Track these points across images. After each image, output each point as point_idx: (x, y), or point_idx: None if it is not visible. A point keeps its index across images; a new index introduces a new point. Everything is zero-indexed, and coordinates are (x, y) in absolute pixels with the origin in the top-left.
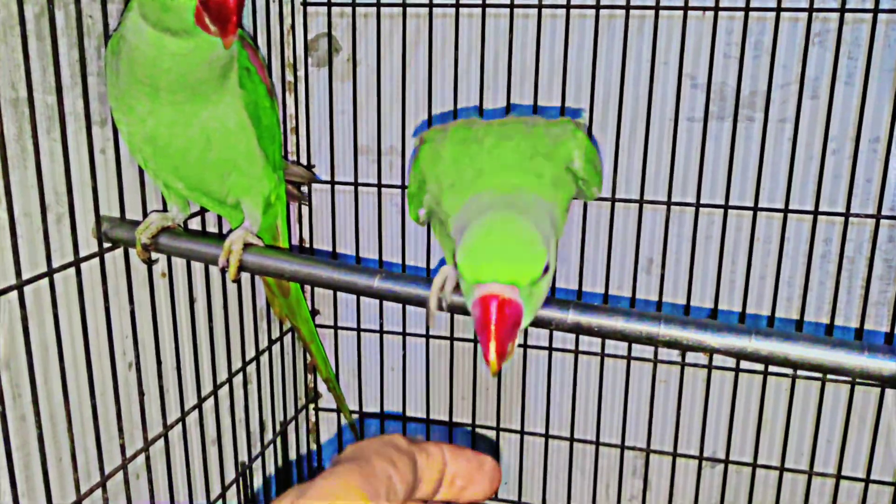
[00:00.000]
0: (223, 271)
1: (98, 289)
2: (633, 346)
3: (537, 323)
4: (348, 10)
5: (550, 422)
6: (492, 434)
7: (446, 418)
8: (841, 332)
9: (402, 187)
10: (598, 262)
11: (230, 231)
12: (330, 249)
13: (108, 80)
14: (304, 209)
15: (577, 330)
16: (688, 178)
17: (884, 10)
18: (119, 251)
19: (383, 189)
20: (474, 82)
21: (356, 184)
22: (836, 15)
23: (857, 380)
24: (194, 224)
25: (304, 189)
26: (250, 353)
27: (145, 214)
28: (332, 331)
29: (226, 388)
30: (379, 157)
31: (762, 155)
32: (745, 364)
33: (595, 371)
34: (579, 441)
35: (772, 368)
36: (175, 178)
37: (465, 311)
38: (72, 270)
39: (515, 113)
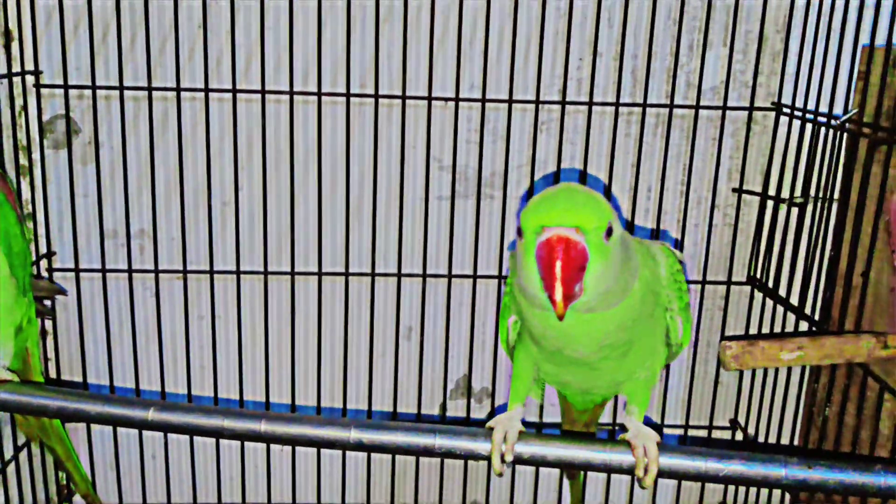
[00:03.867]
0: None
1: None
2: None
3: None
4: (88, 91)
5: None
6: None
7: (215, 501)
8: None
9: (155, 272)
10: (361, 332)
11: None
12: (78, 342)
13: None
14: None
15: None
16: (440, 251)
17: (597, 103)
18: None
19: (134, 274)
20: (228, 163)
21: (104, 270)
22: (558, 106)
23: None
24: None
25: (48, 303)
26: None
27: None
28: (84, 424)
29: None
30: (128, 240)
31: (503, 228)
32: None
33: None
34: None
35: None
36: None
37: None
38: None
39: None
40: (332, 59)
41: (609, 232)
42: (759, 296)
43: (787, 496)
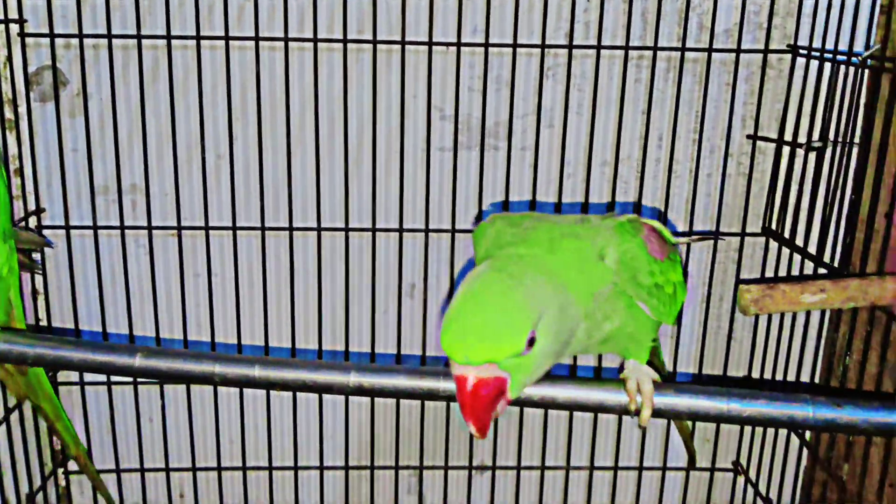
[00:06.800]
0: None
1: None
2: None
3: None
4: (74, 41)
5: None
6: (265, 474)
7: (215, 464)
8: None
9: (148, 228)
10: (363, 288)
11: None
12: (70, 301)
13: None
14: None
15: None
16: (443, 205)
17: (605, 47)
18: None
19: (127, 231)
20: (222, 114)
21: (95, 227)
22: (565, 51)
23: None
24: None
25: (37, 256)
26: None
27: None
28: (78, 387)
29: None
30: (120, 196)
31: (507, 180)
32: None
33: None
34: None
35: None
36: None
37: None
38: None
39: None
40: (328, 2)
41: (531, 342)
42: (774, 248)
43: (804, 458)
